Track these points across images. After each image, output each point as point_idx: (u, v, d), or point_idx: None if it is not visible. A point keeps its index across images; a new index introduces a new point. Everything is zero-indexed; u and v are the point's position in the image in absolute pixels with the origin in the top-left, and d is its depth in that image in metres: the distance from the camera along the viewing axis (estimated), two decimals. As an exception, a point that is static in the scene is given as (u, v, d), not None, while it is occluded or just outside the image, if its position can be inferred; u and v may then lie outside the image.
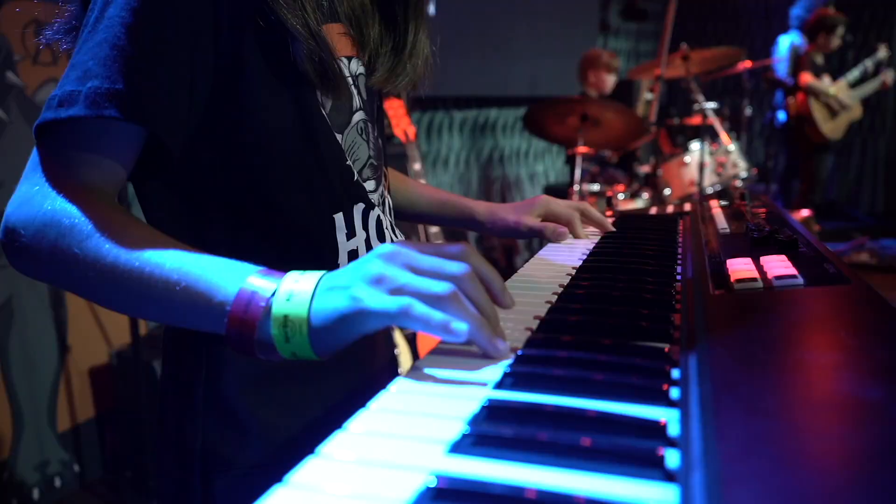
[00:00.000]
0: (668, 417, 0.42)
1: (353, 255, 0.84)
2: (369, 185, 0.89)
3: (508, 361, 0.54)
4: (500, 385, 0.49)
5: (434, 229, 3.09)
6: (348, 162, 0.84)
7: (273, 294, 0.58)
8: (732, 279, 0.68)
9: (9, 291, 2.26)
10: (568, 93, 4.70)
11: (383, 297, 0.54)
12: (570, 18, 5.79)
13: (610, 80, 4.39)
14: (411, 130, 3.47)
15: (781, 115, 5.17)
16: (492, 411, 0.44)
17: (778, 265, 0.71)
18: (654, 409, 0.45)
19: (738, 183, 4.13)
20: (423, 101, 4.58)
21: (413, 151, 3.48)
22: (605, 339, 0.56)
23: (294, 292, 0.57)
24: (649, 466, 0.38)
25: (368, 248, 0.86)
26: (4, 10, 2.21)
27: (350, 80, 0.86)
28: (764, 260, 0.74)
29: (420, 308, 0.53)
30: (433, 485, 0.36)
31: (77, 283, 0.67)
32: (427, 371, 0.54)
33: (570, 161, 4.24)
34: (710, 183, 4.05)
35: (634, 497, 0.35)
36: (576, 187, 3.79)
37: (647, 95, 6.34)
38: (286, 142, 0.78)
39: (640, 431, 0.42)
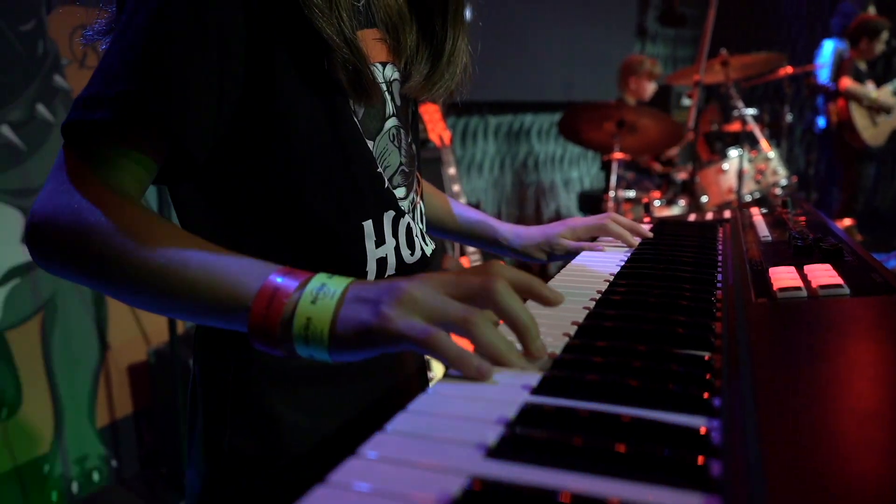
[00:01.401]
0: (710, 426, 0.42)
1: (381, 262, 0.84)
2: (399, 192, 0.88)
3: (547, 365, 0.53)
4: (537, 390, 0.49)
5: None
6: (379, 169, 0.83)
7: (295, 292, 0.58)
8: (775, 287, 0.67)
9: (52, 289, 2.32)
10: (604, 98, 4.67)
11: (411, 321, 0.54)
12: (607, 23, 5.75)
13: (650, 88, 4.35)
14: (446, 135, 3.48)
15: (822, 122, 5.06)
16: (529, 415, 0.44)
17: (823, 274, 0.69)
18: (694, 418, 0.44)
19: (778, 191, 4.06)
20: (459, 106, 4.59)
21: (448, 156, 3.48)
22: (643, 346, 0.55)
23: (320, 295, 0.57)
24: (690, 475, 0.37)
25: (398, 255, 0.86)
26: (52, 15, 2.28)
27: (384, 85, 0.85)
28: (808, 268, 0.73)
29: (443, 339, 0.53)
30: (470, 488, 0.36)
31: (101, 281, 0.67)
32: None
33: (606, 167, 4.21)
34: (748, 191, 3.99)
35: (676, 505, 0.34)
36: (611, 193, 3.76)
37: (685, 101, 6.27)
38: (316, 149, 0.77)
39: (679, 439, 0.41)
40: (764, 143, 3.88)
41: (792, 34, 7.05)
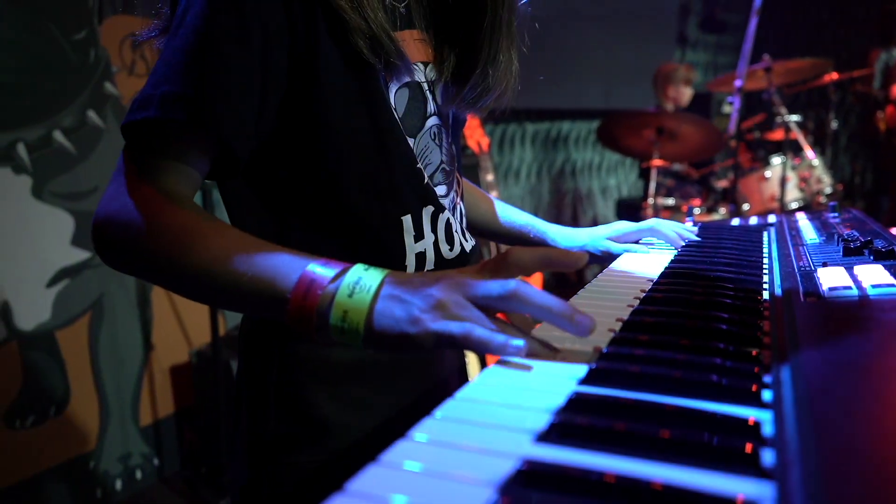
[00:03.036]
0: (761, 418, 0.41)
1: (420, 257, 0.85)
2: (440, 190, 0.89)
3: (594, 358, 0.54)
4: (585, 381, 0.49)
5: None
6: (419, 165, 0.85)
7: (330, 284, 0.60)
8: (824, 287, 0.66)
9: (100, 290, 2.38)
10: (643, 106, 4.63)
11: (445, 322, 0.55)
12: (647, 30, 5.71)
13: (687, 93, 4.31)
14: (484, 142, 3.49)
15: (870, 129, 4.95)
16: (577, 404, 0.44)
17: (874, 274, 0.68)
18: (743, 408, 0.44)
19: (823, 199, 3.97)
20: (496, 113, 4.60)
21: (486, 162, 3.49)
22: (693, 341, 0.55)
23: (357, 289, 0.59)
24: (740, 462, 0.37)
25: (436, 250, 0.87)
26: (104, 24, 2.35)
27: (425, 84, 0.86)
28: (858, 269, 0.71)
29: (480, 332, 0.54)
30: (520, 469, 0.36)
31: (156, 277, 0.72)
32: (516, 363, 0.54)
33: (644, 174, 4.17)
34: (792, 198, 3.91)
35: (729, 490, 0.34)
36: (650, 201, 3.73)
37: (727, 108, 6.18)
38: (358, 145, 0.79)
39: (729, 430, 0.41)
40: (808, 151, 3.80)
41: (837, 40, 6.90)
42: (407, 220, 0.83)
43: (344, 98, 0.77)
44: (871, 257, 0.77)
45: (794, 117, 3.90)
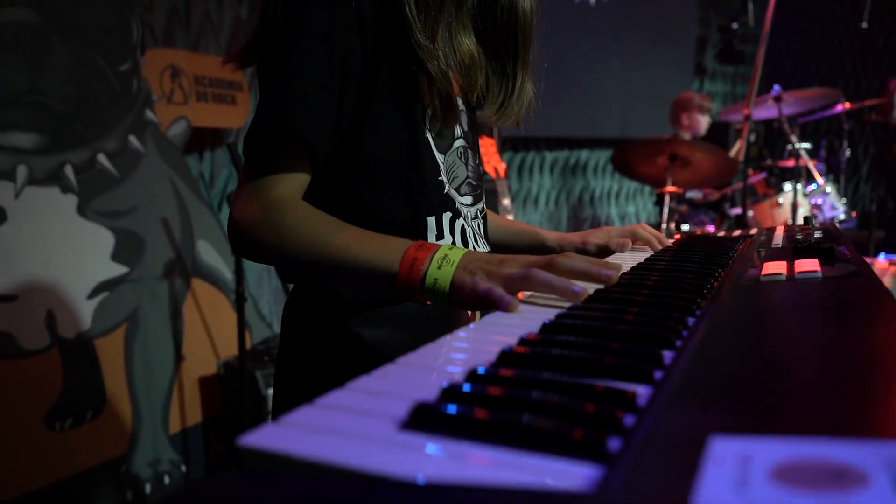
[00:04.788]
0: (644, 392, 0.43)
1: None
2: (466, 200, 1.06)
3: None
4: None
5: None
6: (441, 177, 1.02)
7: (427, 260, 0.80)
8: (762, 274, 0.77)
9: (136, 303, 2.54)
10: (660, 135, 4.75)
11: (489, 286, 0.76)
12: (665, 61, 5.84)
13: (704, 122, 4.41)
14: (501, 168, 3.63)
15: (889, 159, 5.00)
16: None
17: (807, 265, 0.79)
18: (636, 386, 0.45)
19: (836, 226, 4.03)
20: (516, 141, 4.74)
21: (503, 188, 3.63)
22: (622, 324, 0.59)
23: (444, 263, 0.80)
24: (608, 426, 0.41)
25: None
26: (146, 56, 2.54)
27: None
28: (798, 263, 0.82)
29: (501, 292, 0.74)
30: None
31: (289, 266, 0.92)
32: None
33: (660, 201, 4.27)
34: (805, 225, 3.97)
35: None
36: (664, 226, 3.82)
37: (749, 138, 6.26)
38: (396, 157, 0.97)
39: (610, 402, 0.44)
40: (818, 178, 3.87)
41: (852, 70, 6.98)
42: (431, 220, 1.00)
43: (392, 119, 0.95)
44: (815, 254, 0.88)
45: (805, 145, 3.98)
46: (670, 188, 3.76)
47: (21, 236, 2.19)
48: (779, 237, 1.20)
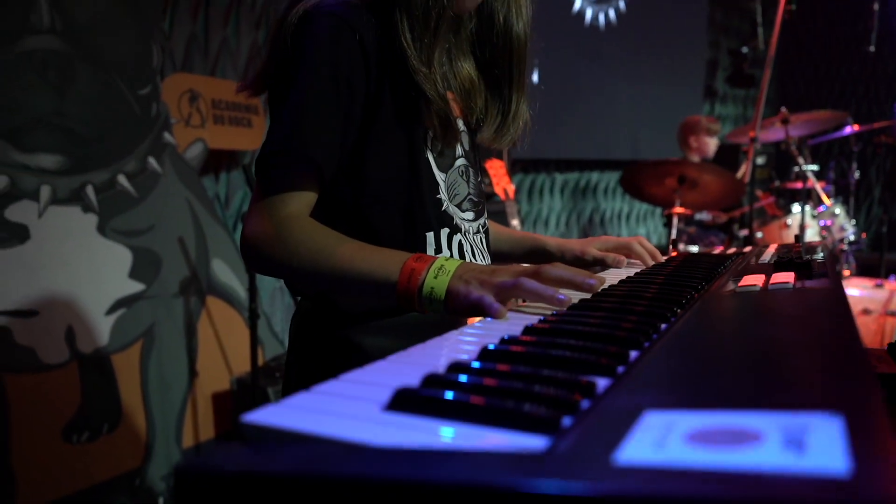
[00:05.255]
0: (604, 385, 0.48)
1: None
2: (468, 216, 1.13)
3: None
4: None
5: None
6: (439, 195, 1.08)
7: (424, 271, 0.86)
8: (739, 285, 0.82)
9: (152, 319, 2.61)
10: (670, 157, 4.79)
11: (481, 294, 0.81)
12: (675, 84, 5.91)
13: (712, 144, 4.46)
14: (510, 189, 3.69)
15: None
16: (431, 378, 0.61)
17: (782, 277, 0.83)
18: (601, 379, 0.49)
19: (845, 247, 4.04)
20: (526, 163, 4.81)
21: (511, 208, 3.68)
22: (599, 328, 0.64)
23: (440, 273, 0.86)
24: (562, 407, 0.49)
25: None
26: (166, 81, 2.64)
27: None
28: (775, 276, 0.87)
29: (490, 301, 0.80)
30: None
31: (297, 278, 0.99)
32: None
33: (669, 222, 4.30)
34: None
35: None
36: (670, 247, 3.85)
37: (758, 160, 6.30)
38: (397, 176, 1.04)
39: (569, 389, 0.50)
40: (825, 199, 3.90)
41: (861, 93, 7.01)
42: (430, 236, 1.06)
43: (394, 141, 1.02)
44: (792, 268, 0.92)
45: (812, 167, 4.02)
46: (678, 209, 3.80)
47: (43, 254, 2.27)
48: (769, 254, 1.25)
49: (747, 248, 1.45)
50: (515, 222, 3.65)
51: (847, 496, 0.25)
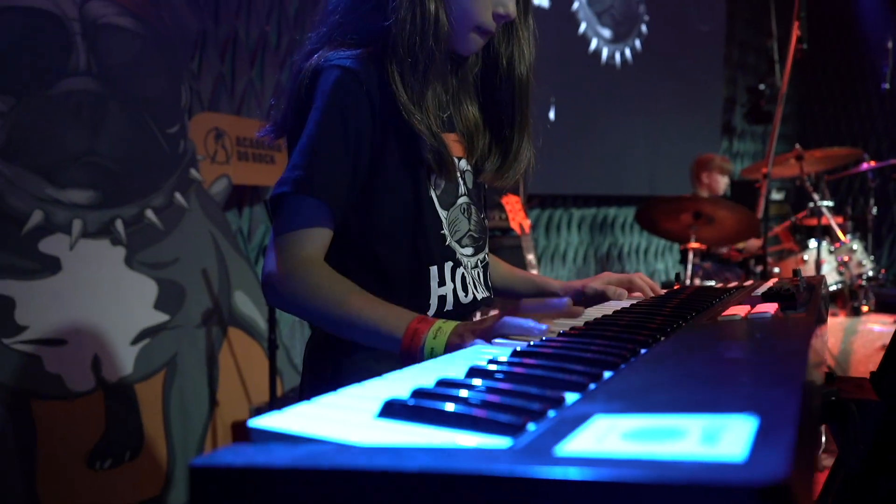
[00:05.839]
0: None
1: (441, 299, 1.14)
2: (468, 251, 1.19)
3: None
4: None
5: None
6: (443, 231, 1.15)
7: (425, 332, 0.95)
8: (722, 314, 0.87)
9: (175, 349, 2.69)
10: (686, 193, 4.84)
11: (481, 333, 0.89)
12: (692, 121, 5.97)
13: (723, 182, 4.51)
14: (526, 224, 3.75)
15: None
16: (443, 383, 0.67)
17: (763, 307, 0.88)
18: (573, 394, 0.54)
19: (863, 283, 4.04)
20: (543, 198, 4.88)
21: (528, 243, 3.74)
22: (582, 352, 0.70)
23: (439, 334, 0.94)
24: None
25: (455, 296, 1.16)
26: (193, 120, 2.76)
27: (459, 173, 1.19)
28: (759, 306, 0.92)
29: (512, 319, 0.88)
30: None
31: (312, 320, 1.11)
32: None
33: (685, 257, 4.33)
34: (830, 282, 3.99)
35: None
36: (687, 282, 3.88)
37: (775, 195, 6.31)
38: (403, 214, 1.11)
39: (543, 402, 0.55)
40: (841, 235, 3.91)
41: (881, 130, 7.02)
42: (433, 269, 1.13)
43: (398, 178, 1.10)
44: (777, 300, 0.97)
45: (828, 203, 4.04)
46: (694, 245, 3.84)
47: (73, 284, 2.37)
48: (764, 287, 1.29)
49: (748, 282, 1.50)
50: (531, 257, 3.71)
51: (736, 476, 0.31)
